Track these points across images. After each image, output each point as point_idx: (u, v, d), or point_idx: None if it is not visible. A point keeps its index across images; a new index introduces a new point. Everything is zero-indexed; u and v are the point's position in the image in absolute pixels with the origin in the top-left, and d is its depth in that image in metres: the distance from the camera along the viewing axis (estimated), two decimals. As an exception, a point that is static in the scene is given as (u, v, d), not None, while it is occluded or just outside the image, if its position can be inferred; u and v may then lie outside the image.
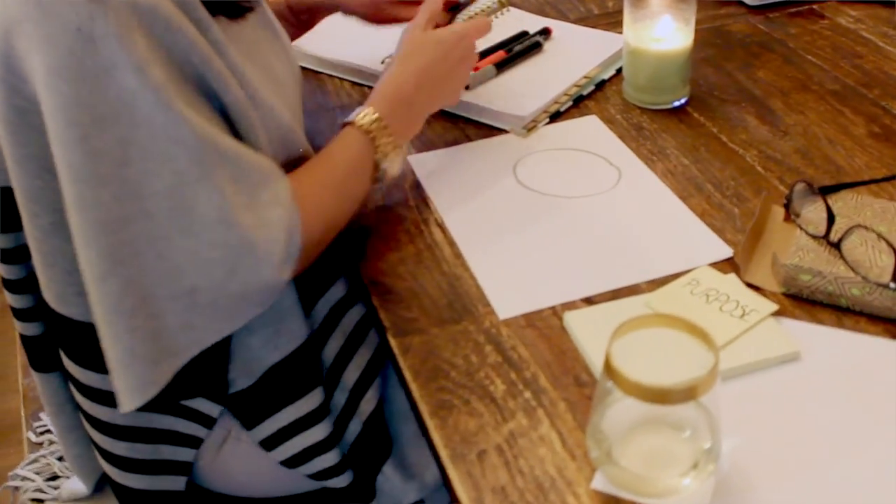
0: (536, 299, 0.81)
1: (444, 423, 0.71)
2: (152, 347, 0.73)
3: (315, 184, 0.82)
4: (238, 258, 0.73)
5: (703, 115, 1.05)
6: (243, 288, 0.74)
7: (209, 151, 0.71)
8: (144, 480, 0.90)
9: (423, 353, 0.77)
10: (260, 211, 0.74)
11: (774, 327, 0.75)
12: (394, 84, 0.90)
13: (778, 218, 0.86)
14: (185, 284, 0.72)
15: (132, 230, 0.70)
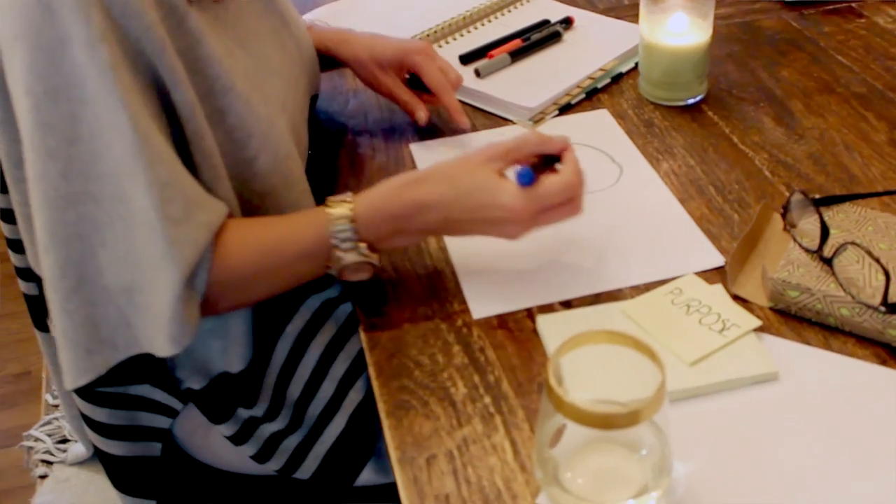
0: (512, 300, 0.78)
1: (400, 423, 0.69)
2: (88, 335, 0.72)
3: (245, 240, 0.76)
4: (157, 268, 0.70)
5: (718, 113, 1.00)
6: (160, 303, 0.71)
7: (145, 148, 0.69)
8: (123, 447, 0.90)
9: (391, 349, 0.75)
10: (189, 229, 0.71)
11: (754, 345, 0.71)
12: (390, 201, 0.77)
13: (777, 227, 0.82)
14: (124, 280, 0.71)
15: (78, 211, 0.69)
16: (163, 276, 0.70)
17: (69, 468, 1.07)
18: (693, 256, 0.81)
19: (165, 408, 0.89)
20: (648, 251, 0.82)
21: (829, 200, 0.82)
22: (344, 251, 0.76)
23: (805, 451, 0.64)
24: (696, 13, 0.99)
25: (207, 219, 0.73)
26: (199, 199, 0.73)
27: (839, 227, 0.77)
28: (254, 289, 0.78)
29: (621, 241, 0.84)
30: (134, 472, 0.93)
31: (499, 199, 0.75)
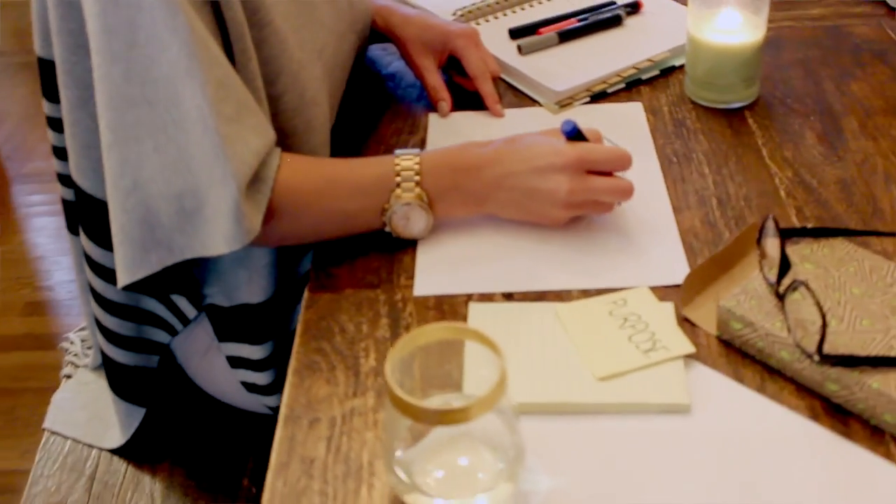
0: (457, 283, 0.76)
1: (301, 383, 0.70)
2: (144, 234, 0.75)
3: (310, 168, 0.80)
4: (212, 166, 0.73)
5: (759, 122, 0.92)
6: (216, 204, 0.73)
7: (201, 49, 0.72)
8: (125, 355, 0.97)
9: (324, 311, 0.76)
10: (241, 128, 0.74)
11: (676, 372, 0.66)
12: (456, 152, 0.81)
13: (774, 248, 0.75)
14: (175, 186, 0.74)
15: (135, 113, 0.73)
16: (217, 172, 0.73)
17: (91, 373, 1.14)
18: (660, 269, 0.76)
19: (168, 325, 0.95)
20: (618, 255, 0.78)
21: (797, 233, 0.73)
22: (403, 189, 0.77)
23: (684, 496, 0.59)
24: (749, 9, 0.91)
25: (257, 123, 0.76)
26: (251, 105, 0.76)
27: (815, 263, 0.69)
28: (309, 218, 0.80)
29: (596, 240, 0.80)
30: (131, 380, 0.99)
31: (548, 144, 0.78)
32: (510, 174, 0.78)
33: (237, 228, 0.73)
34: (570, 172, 0.77)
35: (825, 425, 0.63)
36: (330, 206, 0.79)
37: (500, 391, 0.54)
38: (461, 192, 0.79)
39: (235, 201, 0.72)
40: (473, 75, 0.97)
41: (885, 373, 0.61)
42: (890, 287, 0.67)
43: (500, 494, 0.58)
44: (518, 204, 0.79)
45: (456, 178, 0.79)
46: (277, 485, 0.63)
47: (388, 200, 0.78)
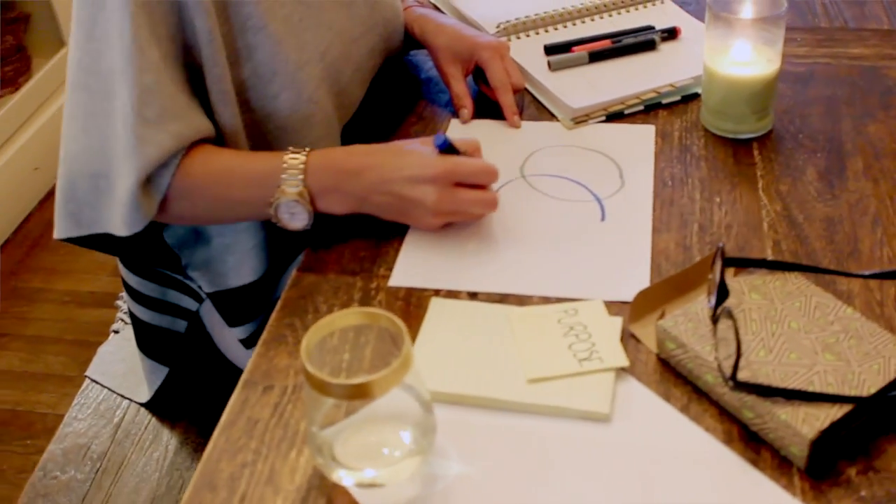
0: (429, 278, 0.81)
1: (267, 353, 0.76)
2: (65, 202, 0.86)
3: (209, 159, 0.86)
4: (122, 159, 0.82)
5: (764, 154, 0.93)
6: (120, 192, 0.82)
7: (138, 54, 0.80)
8: (149, 315, 1.06)
9: (305, 292, 0.82)
10: (158, 132, 0.81)
11: (604, 383, 0.68)
12: (342, 154, 0.87)
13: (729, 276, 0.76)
14: (94, 166, 0.84)
15: (79, 97, 0.84)
16: (126, 166, 0.82)
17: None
18: (622, 285, 0.78)
19: (193, 292, 1.03)
20: (583, 268, 0.81)
21: (742, 263, 0.74)
22: (287, 185, 0.83)
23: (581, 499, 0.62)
24: (764, 42, 0.91)
25: (178, 129, 0.83)
26: (178, 112, 0.84)
27: (763, 295, 0.70)
28: (202, 203, 0.87)
29: (566, 252, 0.83)
30: (155, 339, 1.08)
31: (421, 156, 0.84)
32: (385, 181, 0.83)
33: (132, 215, 0.82)
34: (437, 184, 0.82)
35: (737, 451, 0.64)
36: (220, 194, 0.86)
37: (403, 370, 0.59)
38: (341, 192, 0.84)
39: (133, 194, 0.81)
40: (495, 86, 1.02)
41: (795, 406, 0.62)
42: (830, 325, 0.68)
43: (403, 469, 0.63)
44: (392, 207, 0.85)
45: (338, 180, 0.84)
46: (220, 440, 0.69)
47: (273, 194, 0.84)
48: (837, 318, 0.68)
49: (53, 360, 1.86)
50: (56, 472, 1.12)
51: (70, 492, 1.09)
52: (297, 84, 0.90)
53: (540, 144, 0.98)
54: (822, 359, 0.65)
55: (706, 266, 0.76)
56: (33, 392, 1.84)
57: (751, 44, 0.92)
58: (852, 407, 0.61)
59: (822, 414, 0.61)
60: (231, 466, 0.68)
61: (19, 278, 2.04)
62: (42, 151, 2.13)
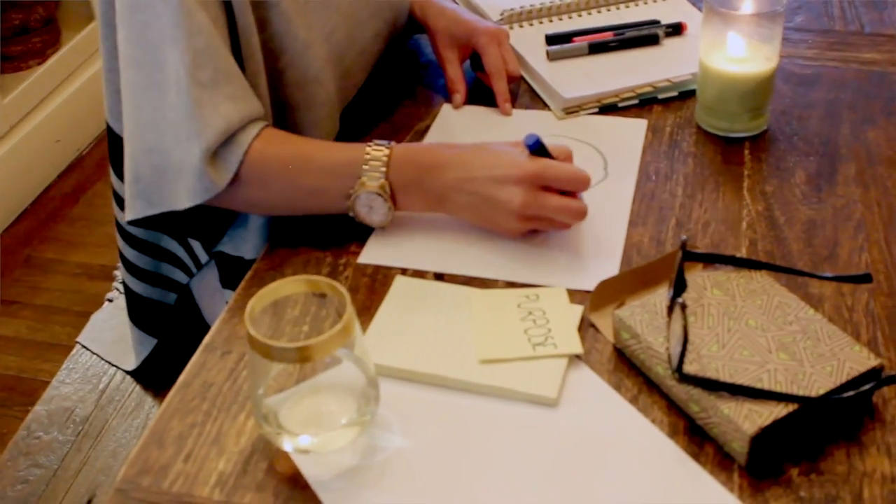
0: (398, 257, 0.81)
1: (231, 319, 0.77)
2: (133, 185, 0.85)
3: (286, 142, 0.85)
4: (180, 126, 0.81)
5: (755, 154, 0.91)
6: (178, 162, 0.81)
7: (186, 18, 0.79)
8: (142, 287, 1.07)
9: (275, 263, 0.82)
10: (214, 95, 0.81)
11: (555, 369, 0.68)
12: (424, 150, 0.85)
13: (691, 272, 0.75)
14: (147, 143, 0.83)
15: (128, 74, 0.83)
16: (183, 132, 0.80)
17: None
18: (589, 274, 0.77)
19: (185, 265, 1.04)
20: (553, 256, 0.80)
21: (708, 258, 0.72)
22: (369, 177, 0.81)
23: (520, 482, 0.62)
24: (761, 38, 0.90)
25: (234, 92, 0.82)
26: (231, 75, 0.82)
27: (724, 291, 0.69)
28: (276, 189, 0.84)
29: (539, 238, 0.82)
30: (146, 311, 1.10)
31: (509, 155, 0.80)
32: (469, 179, 0.80)
33: (198, 185, 0.80)
34: (525, 186, 0.78)
35: (680, 444, 0.63)
36: (297, 181, 0.83)
37: (343, 335, 0.59)
38: (423, 189, 0.82)
39: (198, 159, 0.79)
40: (489, 72, 1.01)
41: (740, 401, 0.60)
42: (788, 325, 0.66)
43: (339, 438, 0.63)
44: (474, 208, 0.81)
45: (420, 175, 0.81)
46: (174, 400, 0.70)
47: (353, 186, 0.81)
48: (798, 318, 0.67)
49: (59, 330, 1.89)
50: (39, 433, 1.14)
51: (51, 452, 1.11)
52: (303, 63, 0.91)
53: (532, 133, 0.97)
54: (775, 357, 0.64)
55: (673, 260, 0.75)
56: (38, 360, 1.87)
57: (747, 40, 0.90)
58: (797, 407, 0.60)
59: (765, 411, 0.60)
60: (181, 426, 0.68)
61: (35, 248, 2.07)
62: (65, 124, 2.16)
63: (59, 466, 1.10)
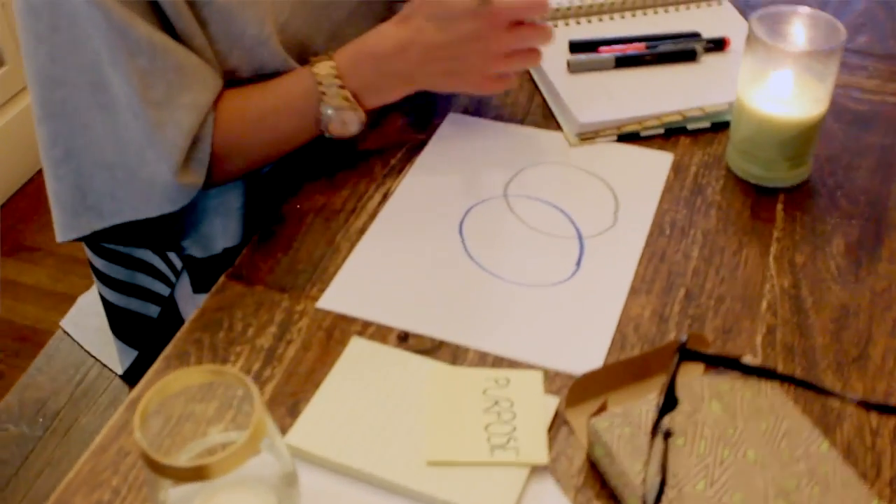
0: (362, 306, 0.71)
1: (165, 369, 0.68)
2: (75, 200, 0.79)
3: (242, 107, 0.80)
4: (143, 148, 0.76)
5: (789, 210, 0.79)
6: (149, 178, 0.77)
7: (119, 39, 0.72)
8: (118, 297, 1.00)
9: (226, 302, 0.73)
10: (172, 111, 0.75)
11: (513, 481, 0.58)
12: (373, 40, 0.80)
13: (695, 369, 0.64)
14: (107, 158, 0.77)
15: (62, 93, 0.75)
16: (150, 154, 0.76)
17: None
18: (573, 353, 0.67)
19: (163, 276, 0.96)
20: (534, 325, 0.69)
21: (710, 360, 0.61)
22: (329, 98, 0.78)
23: None
24: (812, 75, 0.76)
25: (193, 99, 0.76)
26: (185, 81, 0.76)
27: (725, 406, 0.58)
28: (251, 152, 0.82)
29: (523, 300, 0.71)
30: (127, 323, 1.02)
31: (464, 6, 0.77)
32: (434, 46, 0.78)
33: (175, 194, 0.77)
34: (491, 29, 0.77)
35: None
36: (267, 136, 0.81)
37: (248, 449, 0.49)
38: (388, 78, 0.80)
39: (170, 176, 0.75)
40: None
41: (721, 565, 0.50)
42: (795, 462, 0.55)
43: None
44: (449, 73, 0.80)
45: (380, 67, 0.79)
46: (84, 469, 0.62)
47: (319, 112, 0.79)
48: (807, 454, 0.56)
49: (79, 283, 1.84)
50: (8, 425, 1.09)
51: (16, 447, 1.06)
52: (255, 60, 0.81)
53: (535, 159, 0.86)
54: (773, 506, 0.53)
55: (670, 353, 0.64)
56: (54, 312, 1.82)
57: (795, 77, 0.77)
58: (790, 581, 0.50)
59: (750, 582, 0.50)
60: (86, 502, 0.60)
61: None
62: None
63: (22, 465, 1.05)
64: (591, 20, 1.02)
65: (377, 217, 0.80)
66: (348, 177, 0.84)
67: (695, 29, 0.99)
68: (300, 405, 0.64)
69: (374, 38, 0.80)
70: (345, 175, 0.84)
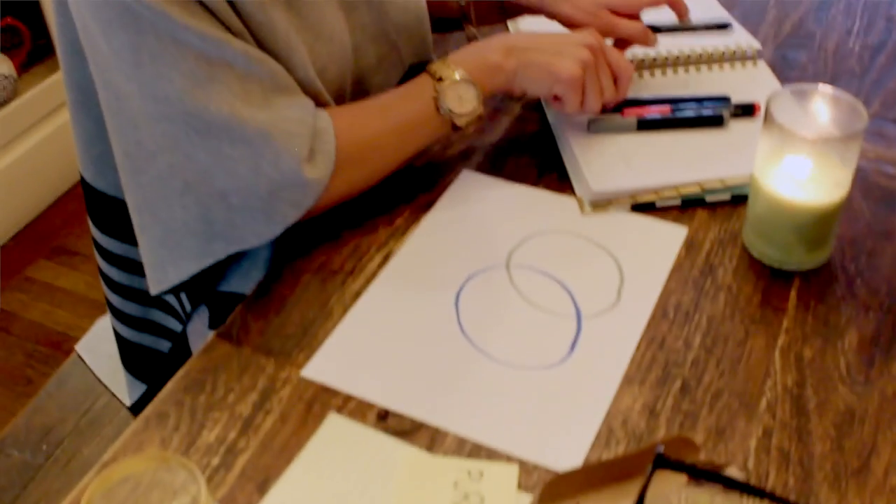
0: (346, 377, 0.70)
1: (144, 429, 0.67)
2: (205, 228, 0.77)
3: (360, 105, 0.84)
4: (257, 152, 0.75)
5: (802, 297, 0.75)
6: (270, 185, 0.76)
7: (216, 51, 0.72)
8: (129, 332, 1.01)
9: (213, 363, 0.72)
10: (276, 109, 0.76)
11: (474, 585, 0.56)
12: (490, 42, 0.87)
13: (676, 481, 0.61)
14: (217, 186, 0.76)
15: (160, 128, 0.75)
16: (266, 158, 0.75)
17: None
18: (554, 445, 0.64)
19: (176, 312, 0.96)
20: (519, 411, 0.67)
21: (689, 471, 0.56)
22: (444, 75, 0.83)
23: None
24: (832, 158, 0.72)
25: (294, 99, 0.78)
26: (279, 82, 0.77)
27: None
28: (379, 146, 0.84)
29: (511, 383, 0.69)
30: (138, 358, 1.03)
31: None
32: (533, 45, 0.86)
33: (302, 193, 0.77)
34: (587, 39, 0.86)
35: None
36: (391, 128, 0.84)
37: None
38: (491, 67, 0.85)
39: (297, 171, 0.76)
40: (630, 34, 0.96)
41: None
42: (768, 592, 0.52)
43: None
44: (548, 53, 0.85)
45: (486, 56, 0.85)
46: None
47: (434, 92, 0.83)
48: (782, 583, 0.53)
49: (114, 293, 1.87)
50: (13, 451, 1.10)
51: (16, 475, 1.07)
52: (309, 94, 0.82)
53: (544, 226, 0.83)
54: None
55: (650, 457, 0.61)
56: (87, 319, 1.85)
57: (813, 160, 0.74)
58: None
59: None
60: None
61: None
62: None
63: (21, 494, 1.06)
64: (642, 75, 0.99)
65: (374, 280, 0.78)
66: (351, 236, 0.83)
67: (728, 89, 0.96)
68: (270, 482, 0.63)
69: (485, 42, 0.87)
70: (348, 234, 0.83)
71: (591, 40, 0.86)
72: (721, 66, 1.00)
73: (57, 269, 1.95)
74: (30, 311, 1.90)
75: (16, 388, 1.72)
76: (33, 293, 1.93)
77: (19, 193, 2.04)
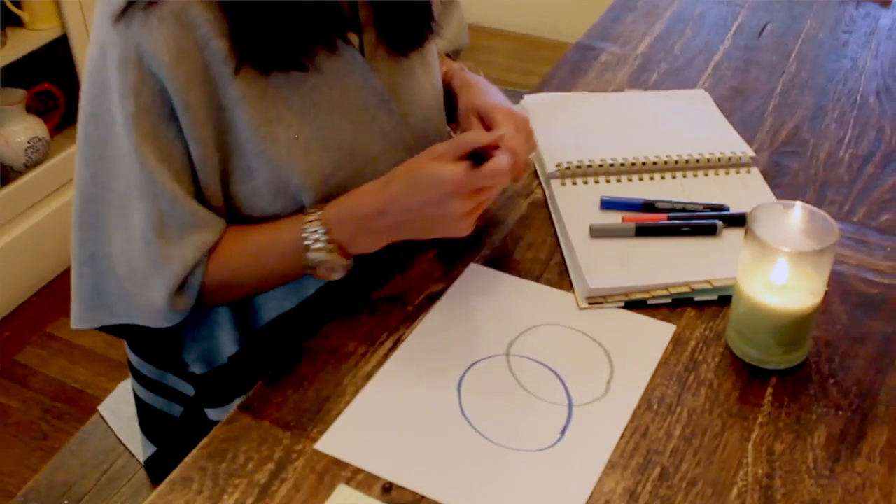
0: (356, 451, 0.77)
1: (168, 493, 0.74)
2: (92, 296, 0.91)
3: (238, 245, 0.90)
4: (148, 275, 0.86)
5: (778, 395, 0.81)
6: (147, 300, 0.87)
7: (150, 184, 0.83)
8: (144, 393, 1.09)
9: (233, 434, 0.80)
10: (183, 248, 0.86)
11: None
12: (355, 201, 0.88)
13: (651, 555, 0.67)
14: (118, 270, 0.88)
15: (95, 208, 0.87)
16: (154, 281, 0.87)
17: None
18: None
19: (189, 376, 1.04)
20: (509, 488, 0.73)
21: None
22: (315, 251, 0.88)
23: None
24: (806, 267, 0.79)
25: (201, 240, 0.87)
26: (197, 223, 0.87)
27: None
28: (241, 285, 0.92)
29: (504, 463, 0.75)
30: (152, 420, 1.10)
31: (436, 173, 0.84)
32: (408, 210, 0.86)
33: (170, 315, 0.88)
34: (457, 196, 0.84)
35: None
36: (257, 274, 0.91)
37: None
38: (370, 234, 0.88)
39: (166, 302, 0.86)
40: None
41: None
42: None
43: None
44: (422, 230, 0.88)
45: (361, 226, 0.88)
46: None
47: (306, 261, 0.88)
48: None
49: (133, 354, 1.95)
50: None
51: (32, 530, 1.13)
52: (299, 203, 0.90)
53: (543, 319, 0.90)
54: None
55: (627, 538, 0.67)
56: (104, 378, 1.93)
57: (789, 270, 0.81)
58: None
59: None
60: None
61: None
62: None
63: (34, 553, 1.12)
64: (622, 179, 1.07)
65: (385, 363, 0.86)
66: (366, 321, 0.91)
67: (720, 195, 1.04)
68: (281, 546, 0.70)
69: (358, 199, 0.88)
70: (363, 318, 0.91)
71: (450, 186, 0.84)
72: (717, 172, 1.08)
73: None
74: (48, 366, 1.98)
75: (32, 441, 1.79)
76: (53, 349, 2.01)
77: (46, 250, 2.13)
